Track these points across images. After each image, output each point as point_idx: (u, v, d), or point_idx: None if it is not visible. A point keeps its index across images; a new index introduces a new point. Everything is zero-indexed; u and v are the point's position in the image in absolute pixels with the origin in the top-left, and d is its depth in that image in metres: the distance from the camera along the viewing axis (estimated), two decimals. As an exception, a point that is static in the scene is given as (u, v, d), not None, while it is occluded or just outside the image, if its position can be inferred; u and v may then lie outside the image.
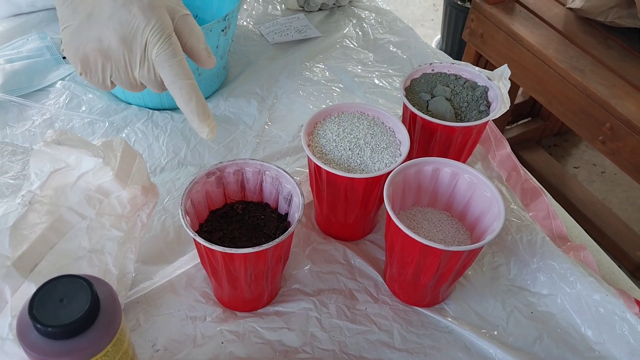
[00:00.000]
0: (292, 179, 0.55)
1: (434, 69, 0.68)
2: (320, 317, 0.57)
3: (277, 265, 0.54)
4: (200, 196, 0.55)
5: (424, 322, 0.58)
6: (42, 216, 0.52)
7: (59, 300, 0.39)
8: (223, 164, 0.56)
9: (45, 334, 0.38)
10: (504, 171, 0.74)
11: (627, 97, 1.14)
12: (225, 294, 0.56)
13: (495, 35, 1.37)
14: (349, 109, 0.62)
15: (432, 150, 0.64)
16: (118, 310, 0.42)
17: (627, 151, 1.14)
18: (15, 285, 0.50)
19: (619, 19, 1.26)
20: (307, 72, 0.86)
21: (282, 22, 0.94)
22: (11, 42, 0.85)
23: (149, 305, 0.57)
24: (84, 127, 0.74)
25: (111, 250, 0.54)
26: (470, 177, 0.57)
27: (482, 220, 0.56)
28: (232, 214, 0.57)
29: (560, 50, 1.26)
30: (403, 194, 0.58)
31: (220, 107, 0.79)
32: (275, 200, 0.58)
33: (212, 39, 0.72)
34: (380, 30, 0.96)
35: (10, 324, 0.49)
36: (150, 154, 0.72)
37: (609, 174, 1.79)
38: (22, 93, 0.77)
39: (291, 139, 0.75)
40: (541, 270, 0.61)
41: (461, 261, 0.52)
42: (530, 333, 0.57)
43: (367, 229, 0.65)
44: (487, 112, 0.64)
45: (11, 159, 0.69)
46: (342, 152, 0.57)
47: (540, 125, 1.81)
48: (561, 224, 0.68)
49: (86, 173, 0.54)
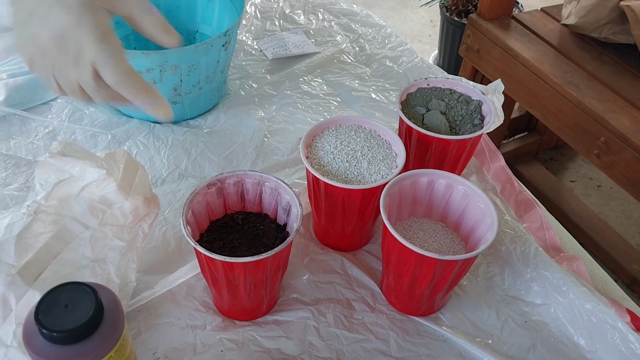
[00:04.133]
0: (290, 189, 0.56)
1: (429, 83, 0.70)
2: (318, 326, 0.58)
3: (276, 275, 0.55)
4: (201, 207, 0.57)
5: (420, 330, 0.59)
6: (46, 226, 0.53)
7: (64, 306, 0.41)
8: (223, 175, 0.57)
9: (51, 339, 0.40)
10: (498, 183, 0.75)
11: (621, 112, 1.16)
12: (225, 302, 0.57)
13: (491, 50, 1.39)
14: (347, 122, 0.64)
15: (427, 163, 0.66)
16: (121, 316, 0.43)
17: (621, 165, 1.15)
18: (20, 293, 0.51)
19: (612, 35, 1.28)
20: (305, 86, 0.88)
21: (280, 38, 0.96)
22: (13, 57, 0.86)
23: (149, 314, 0.58)
24: (86, 139, 0.76)
25: (113, 259, 0.56)
26: (464, 188, 0.58)
27: (476, 230, 0.57)
28: (232, 224, 0.59)
29: (556, 66, 1.28)
30: (399, 205, 0.59)
31: (220, 120, 0.81)
32: (274, 210, 0.59)
33: (213, 54, 0.74)
34: (376, 46, 0.98)
35: (15, 331, 0.50)
36: (152, 166, 0.73)
37: (605, 188, 1.80)
38: (25, 107, 0.78)
39: (290, 151, 0.77)
40: (535, 280, 0.62)
41: (456, 270, 0.53)
42: (524, 342, 0.58)
43: (364, 240, 0.66)
44: (481, 126, 0.66)
45: (15, 171, 0.70)
46: (340, 164, 0.59)
47: (536, 139, 1.83)
48: (554, 235, 0.70)
49: (90, 184, 0.55)
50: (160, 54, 0.69)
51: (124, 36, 0.85)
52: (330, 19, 1.03)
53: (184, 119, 0.80)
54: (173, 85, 0.74)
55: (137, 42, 0.87)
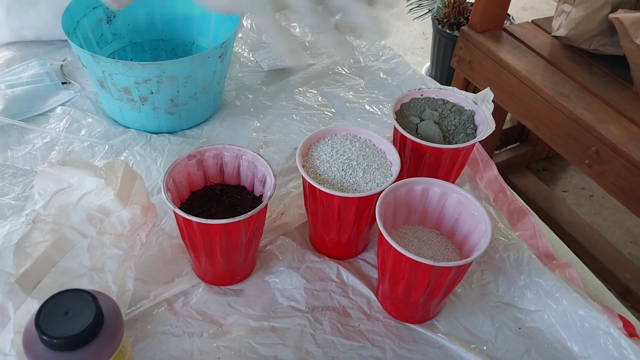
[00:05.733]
0: (266, 162, 0.59)
1: (422, 94, 0.71)
2: (315, 334, 0.58)
3: (250, 241, 0.58)
4: (181, 177, 0.60)
5: (415, 337, 0.59)
6: (45, 234, 0.54)
7: (64, 313, 0.41)
8: (203, 148, 0.61)
9: (51, 345, 0.40)
10: (491, 192, 0.76)
11: (611, 122, 1.18)
12: (203, 267, 0.60)
13: (482, 62, 1.41)
14: (342, 132, 0.65)
15: (422, 171, 0.67)
16: (120, 323, 0.44)
17: (612, 174, 1.17)
18: (19, 302, 0.51)
19: (602, 46, 1.30)
20: (301, 97, 0.89)
21: (276, 50, 0.97)
22: (11, 68, 0.87)
23: (147, 322, 0.58)
24: (83, 150, 0.76)
25: (111, 268, 0.56)
26: (458, 196, 0.59)
27: (470, 238, 0.58)
28: (211, 195, 0.62)
29: (547, 77, 1.29)
30: (394, 213, 0.60)
31: (217, 130, 0.81)
32: (252, 183, 0.63)
33: (209, 66, 0.74)
34: (370, 58, 0.99)
35: (13, 339, 0.50)
36: (148, 175, 0.74)
37: (597, 198, 1.82)
38: (23, 117, 0.79)
39: (285, 161, 0.77)
40: (528, 287, 0.63)
41: (450, 277, 0.54)
42: (518, 348, 0.59)
43: (360, 248, 0.66)
44: (474, 135, 0.67)
45: (12, 181, 0.71)
46: (336, 172, 0.60)
47: (528, 149, 1.84)
48: (547, 242, 0.70)
49: (88, 193, 0.56)
50: (157, 65, 0.69)
51: (121, 48, 0.87)
52: (324, 31, 1.04)
53: (180, 129, 0.81)
54: (170, 96, 0.75)
55: (134, 53, 0.88)
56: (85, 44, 0.80)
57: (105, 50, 0.84)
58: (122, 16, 0.84)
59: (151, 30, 0.88)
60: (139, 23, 0.86)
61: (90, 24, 0.81)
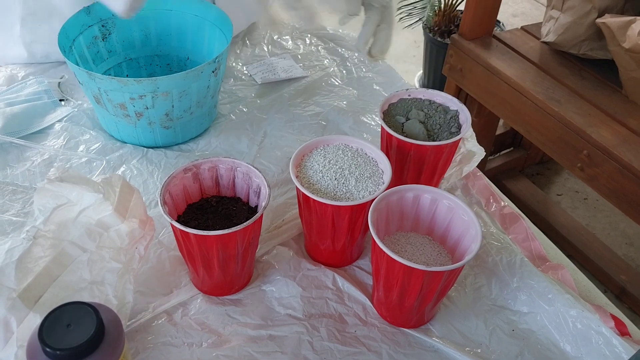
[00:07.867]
0: (260, 173, 0.61)
1: (410, 94, 0.73)
2: (312, 340, 0.60)
3: (247, 251, 0.59)
4: (178, 190, 0.61)
5: (411, 342, 0.60)
6: (45, 250, 0.55)
7: (67, 325, 0.42)
8: (199, 161, 0.62)
9: (54, 357, 0.41)
10: (483, 198, 0.77)
11: (602, 125, 1.19)
12: (201, 278, 0.61)
13: (473, 69, 1.42)
14: (334, 142, 0.66)
15: (407, 169, 0.68)
16: (121, 335, 0.45)
17: (604, 177, 1.18)
18: (21, 317, 0.52)
19: (591, 51, 1.32)
20: (294, 109, 0.90)
21: (269, 63, 0.99)
22: (10, 86, 0.88)
23: (147, 333, 0.59)
24: (82, 166, 0.77)
25: (111, 281, 0.57)
26: (448, 202, 0.60)
27: (461, 242, 0.59)
28: (207, 206, 0.64)
29: (537, 82, 1.31)
30: (387, 220, 0.61)
31: (212, 144, 0.83)
32: (247, 194, 0.64)
33: (203, 80, 0.76)
34: (363, 69, 1.00)
35: (17, 353, 0.51)
36: (145, 189, 0.75)
37: (592, 201, 1.83)
38: (21, 135, 0.80)
39: (280, 172, 0.79)
40: (521, 289, 0.64)
41: (443, 281, 0.55)
42: (512, 350, 0.60)
43: (354, 255, 0.68)
44: (457, 133, 0.69)
45: (12, 198, 0.72)
46: (329, 182, 0.61)
47: (522, 154, 1.86)
48: (540, 245, 0.72)
49: (87, 208, 0.57)
50: (151, 81, 0.71)
51: (117, 64, 0.88)
52: (317, 44, 1.06)
53: (176, 143, 0.82)
54: (165, 111, 0.76)
55: (130, 69, 0.89)
56: (81, 62, 0.81)
57: (101, 67, 0.86)
58: (118, 33, 0.86)
59: (146, 46, 0.89)
60: (134, 39, 0.88)
61: (85, 42, 0.82)
